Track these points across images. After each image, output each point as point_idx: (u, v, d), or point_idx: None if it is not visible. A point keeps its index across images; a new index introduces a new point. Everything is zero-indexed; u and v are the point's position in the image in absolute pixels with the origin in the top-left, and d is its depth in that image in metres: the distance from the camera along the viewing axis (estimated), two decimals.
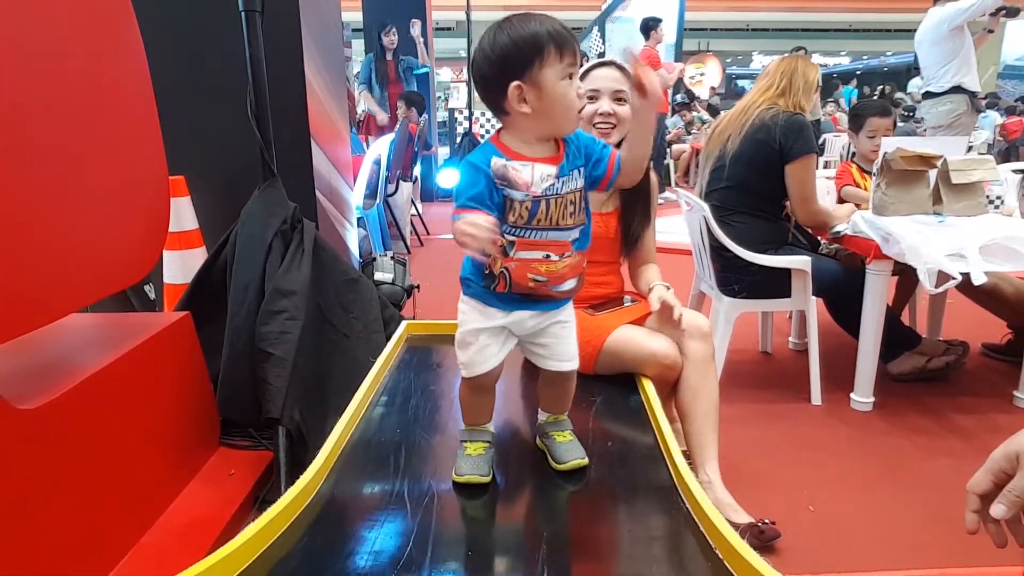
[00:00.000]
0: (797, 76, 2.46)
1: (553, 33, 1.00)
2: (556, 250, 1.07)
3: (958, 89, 4.25)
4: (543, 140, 1.06)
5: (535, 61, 1.00)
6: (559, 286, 1.09)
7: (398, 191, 4.90)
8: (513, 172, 1.02)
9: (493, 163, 1.02)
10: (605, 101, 1.64)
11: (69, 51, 1.37)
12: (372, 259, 3.03)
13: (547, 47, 0.99)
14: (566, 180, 1.05)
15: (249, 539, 0.93)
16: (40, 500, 1.20)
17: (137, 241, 1.60)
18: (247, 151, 2.04)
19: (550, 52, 0.99)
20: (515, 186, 1.02)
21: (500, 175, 1.02)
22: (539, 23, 1.01)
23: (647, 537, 1.05)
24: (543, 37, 1.00)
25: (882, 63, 19.65)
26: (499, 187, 1.02)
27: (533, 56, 1.00)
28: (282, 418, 1.73)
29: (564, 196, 1.05)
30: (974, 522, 0.74)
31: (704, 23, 17.76)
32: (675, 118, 9.72)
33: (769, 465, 2.02)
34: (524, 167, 1.03)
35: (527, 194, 1.02)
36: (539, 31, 1.00)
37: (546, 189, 1.03)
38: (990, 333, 2.89)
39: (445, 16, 14.23)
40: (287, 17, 2.26)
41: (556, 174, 1.04)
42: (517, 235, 1.05)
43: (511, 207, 1.03)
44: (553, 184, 1.04)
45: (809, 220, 2.49)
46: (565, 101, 1.02)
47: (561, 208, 1.05)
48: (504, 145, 1.05)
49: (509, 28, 1.02)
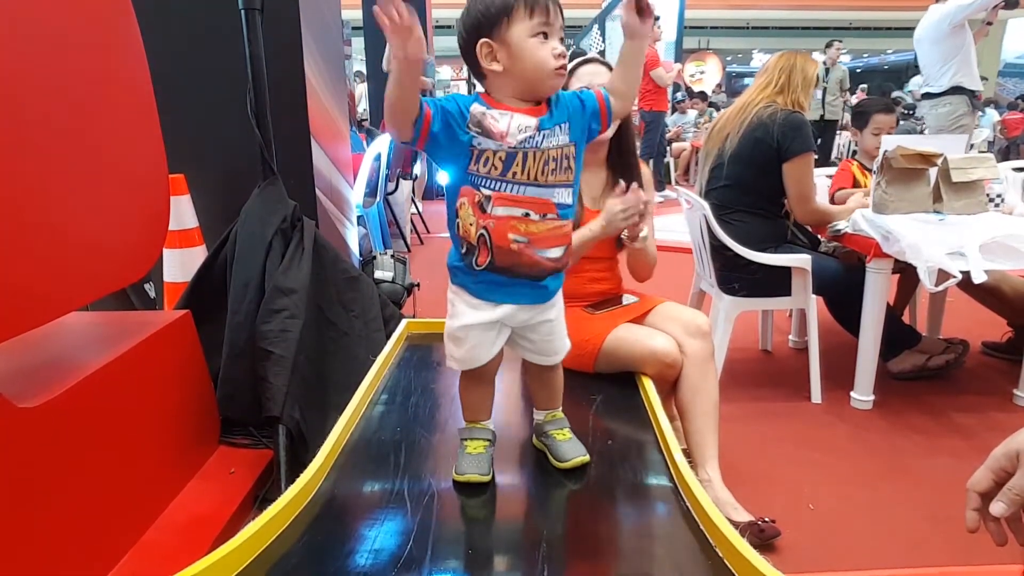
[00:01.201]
0: (796, 73, 2.45)
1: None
2: (537, 208, 1.04)
3: (958, 89, 4.19)
4: (525, 100, 1.04)
5: (503, 18, 0.99)
6: (544, 251, 1.05)
7: (398, 189, 4.90)
8: (490, 120, 1.01)
9: (473, 108, 1.02)
10: None
11: (69, 50, 1.37)
12: (372, 257, 3.03)
13: (515, 3, 0.99)
14: (548, 134, 1.03)
15: (249, 538, 0.93)
16: (41, 498, 1.20)
17: (137, 239, 1.60)
18: (247, 149, 2.04)
19: (518, 9, 0.99)
20: (490, 135, 1.01)
21: (476, 122, 1.01)
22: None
23: (647, 535, 1.05)
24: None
25: (882, 61, 19.63)
26: (472, 134, 1.01)
27: (501, 13, 0.99)
28: (282, 416, 1.73)
29: (545, 151, 1.03)
30: (974, 520, 0.74)
31: (704, 21, 17.72)
32: (675, 115, 9.71)
33: (769, 463, 2.02)
34: (502, 116, 1.02)
35: (501, 144, 1.01)
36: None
37: (523, 141, 1.02)
38: (990, 331, 2.89)
39: (445, 14, 14.20)
40: (287, 15, 2.25)
41: (536, 126, 1.02)
42: (493, 188, 1.02)
43: (483, 157, 1.02)
44: (532, 136, 1.02)
45: (807, 218, 2.49)
46: (535, 59, 1.00)
47: (540, 163, 1.02)
48: (488, 96, 1.05)
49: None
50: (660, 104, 7.19)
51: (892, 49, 20.04)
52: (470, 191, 1.03)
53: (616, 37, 10.09)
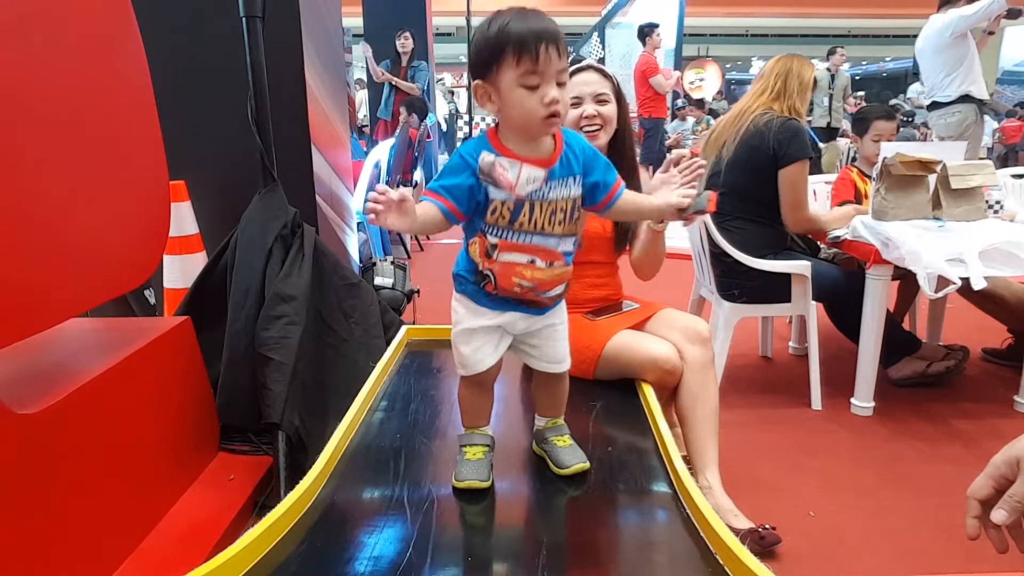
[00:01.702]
0: (791, 78, 2.44)
1: (517, 36, 0.95)
2: (543, 256, 1.05)
3: (966, 98, 4.16)
4: (529, 140, 1.02)
5: (492, 64, 0.98)
6: (547, 292, 1.08)
7: None
8: (499, 170, 1.00)
9: (482, 157, 1.01)
10: (588, 104, 1.65)
11: (70, 57, 1.37)
12: (372, 264, 3.03)
13: (504, 50, 0.96)
14: (555, 185, 1.02)
15: (248, 544, 0.93)
16: (39, 505, 1.19)
17: (137, 245, 1.60)
18: (248, 156, 2.05)
19: (506, 57, 0.96)
20: (498, 184, 1.01)
21: (486, 171, 1.00)
22: (516, 21, 0.96)
23: (647, 542, 1.05)
24: (504, 39, 0.95)
25: (881, 68, 19.70)
26: (483, 183, 1.01)
27: (491, 58, 0.97)
28: (282, 423, 1.73)
29: (552, 202, 1.03)
30: (975, 528, 0.74)
31: (703, 28, 17.81)
32: (675, 122, 9.74)
33: (769, 470, 2.02)
34: (512, 166, 1.00)
35: (510, 195, 1.01)
36: (505, 31, 0.96)
37: (531, 192, 1.01)
38: (990, 338, 2.89)
39: (445, 21, 14.27)
40: (288, 23, 2.26)
41: (544, 177, 1.02)
42: (500, 236, 1.03)
43: (492, 206, 1.02)
44: (540, 188, 1.02)
45: (798, 227, 2.48)
46: (521, 109, 0.98)
47: (547, 214, 1.03)
48: (497, 140, 1.03)
49: (487, 23, 0.99)
50: (659, 111, 7.21)
51: (891, 57, 20.11)
52: (480, 236, 1.05)
53: (615, 44, 10.14)
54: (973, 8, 3.99)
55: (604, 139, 1.66)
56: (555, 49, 0.96)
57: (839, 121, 7.34)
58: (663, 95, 7.15)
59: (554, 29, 0.97)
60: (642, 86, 6.99)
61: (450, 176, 1.01)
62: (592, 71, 1.69)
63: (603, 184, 1.08)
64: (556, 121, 0.99)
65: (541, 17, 0.98)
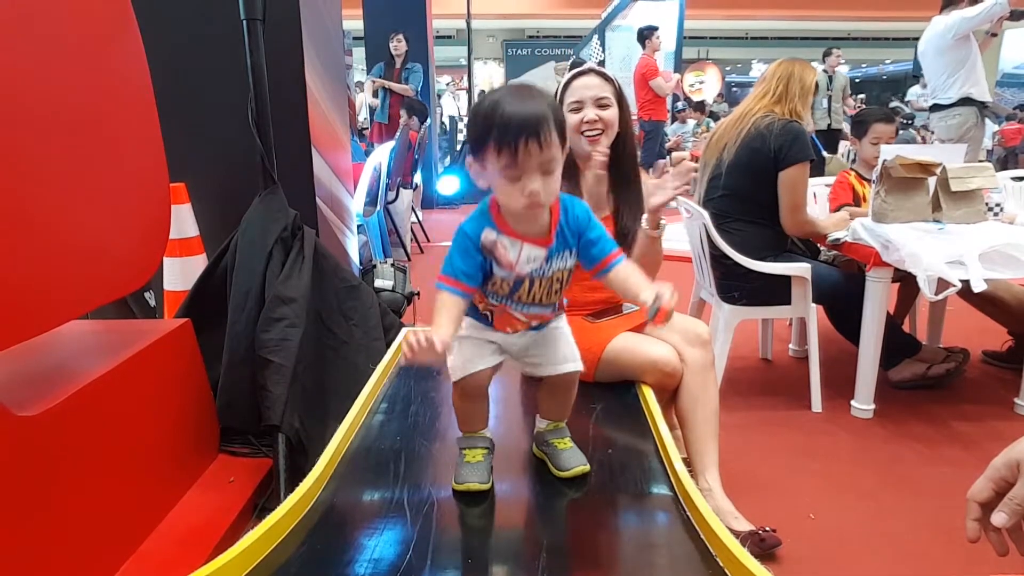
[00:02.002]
0: (793, 82, 2.44)
1: (501, 127, 0.93)
2: (537, 320, 1.10)
3: (967, 100, 4.16)
4: (521, 217, 1.01)
5: (479, 148, 0.97)
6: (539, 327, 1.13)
7: (398, 198, 4.91)
8: (500, 250, 1.01)
9: (484, 236, 1.01)
10: (589, 109, 1.65)
11: (70, 59, 1.37)
12: (372, 266, 3.03)
13: (488, 141, 0.94)
14: (555, 260, 1.04)
15: (248, 546, 0.93)
16: (39, 507, 1.19)
17: (137, 248, 1.60)
18: (248, 158, 2.05)
19: (489, 147, 0.95)
20: (499, 263, 1.02)
21: (488, 249, 1.01)
22: (506, 105, 0.94)
23: (647, 545, 1.05)
24: (489, 127, 0.94)
25: (881, 71, 19.72)
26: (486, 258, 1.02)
27: (477, 142, 0.97)
28: (282, 425, 1.73)
29: (550, 277, 1.05)
30: (975, 530, 0.74)
31: (703, 31, 17.82)
32: (675, 125, 9.75)
33: (769, 472, 2.02)
34: (513, 246, 1.01)
35: (510, 273, 1.03)
36: (491, 119, 0.94)
37: (531, 271, 1.03)
38: (991, 340, 2.89)
39: (445, 24, 14.29)
40: (288, 25, 2.27)
41: (544, 256, 1.03)
42: (499, 302, 1.07)
43: (493, 280, 1.04)
44: (540, 267, 1.03)
45: (796, 230, 2.47)
46: (504, 196, 0.98)
47: (546, 287, 1.06)
48: (498, 214, 1.02)
49: (481, 100, 0.99)
50: (659, 114, 7.22)
51: (891, 59, 20.13)
52: (481, 295, 1.08)
53: (615, 47, 10.16)
54: (975, 10, 3.98)
55: (605, 143, 1.66)
56: (538, 143, 0.93)
57: (839, 123, 7.33)
58: (663, 98, 7.16)
59: (540, 117, 0.93)
60: (642, 89, 6.99)
61: (461, 258, 1.02)
62: (593, 75, 1.68)
63: (597, 253, 1.06)
64: (537, 209, 0.98)
65: (532, 100, 0.95)
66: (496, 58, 18.54)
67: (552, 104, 0.97)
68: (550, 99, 0.98)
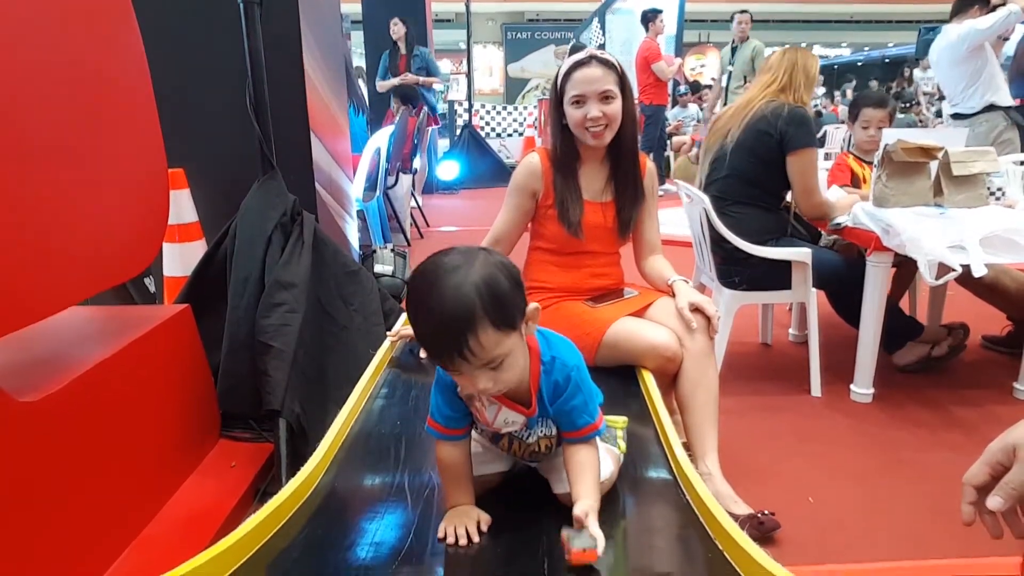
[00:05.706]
0: (798, 71, 2.46)
1: (426, 335, 0.86)
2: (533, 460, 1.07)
3: (991, 108, 4.06)
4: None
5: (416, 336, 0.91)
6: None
7: (398, 183, 4.90)
8: (478, 407, 0.98)
9: (460, 390, 0.96)
10: (593, 106, 1.59)
11: (67, 44, 1.36)
12: (372, 251, 3.03)
13: (422, 337, 0.89)
14: (537, 428, 1.00)
15: (250, 531, 0.93)
16: (41, 493, 1.20)
17: (137, 234, 1.60)
18: (246, 144, 2.04)
19: (424, 344, 0.91)
20: (478, 417, 1.00)
21: (465, 401, 0.98)
22: (434, 309, 0.82)
23: (647, 529, 1.06)
24: (421, 336, 0.88)
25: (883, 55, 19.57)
26: None
27: (414, 328, 0.90)
28: (282, 410, 1.73)
29: (533, 443, 1.01)
30: (970, 514, 0.75)
31: (704, 15, 17.65)
32: (676, 109, 9.69)
33: (769, 457, 2.02)
34: (491, 406, 0.97)
35: (487, 428, 1.01)
36: (418, 323, 0.86)
37: (511, 432, 1.01)
38: (990, 325, 2.89)
39: (445, 7, 14.17)
40: (286, 9, 2.25)
41: (524, 424, 0.99)
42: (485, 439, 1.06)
43: (476, 425, 1.02)
44: (520, 431, 1.00)
45: (812, 212, 2.48)
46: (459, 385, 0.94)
47: (525, 449, 1.03)
48: None
49: (414, 276, 0.89)
50: (660, 98, 7.19)
51: (893, 43, 19.96)
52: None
53: (616, 30, 10.08)
54: (988, 20, 3.84)
55: (609, 136, 1.63)
56: (471, 351, 0.81)
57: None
58: (664, 82, 7.12)
59: (466, 320, 0.80)
60: (643, 72, 6.95)
61: (445, 401, 0.98)
62: (595, 64, 1.60)
63: (565, 425, 0.98)
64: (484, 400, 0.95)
65: (457, 299, 0.81)
66: (495, 41, 18.40)
67: (484, 290, 0.81)
68: (480, 283, 0.82)
